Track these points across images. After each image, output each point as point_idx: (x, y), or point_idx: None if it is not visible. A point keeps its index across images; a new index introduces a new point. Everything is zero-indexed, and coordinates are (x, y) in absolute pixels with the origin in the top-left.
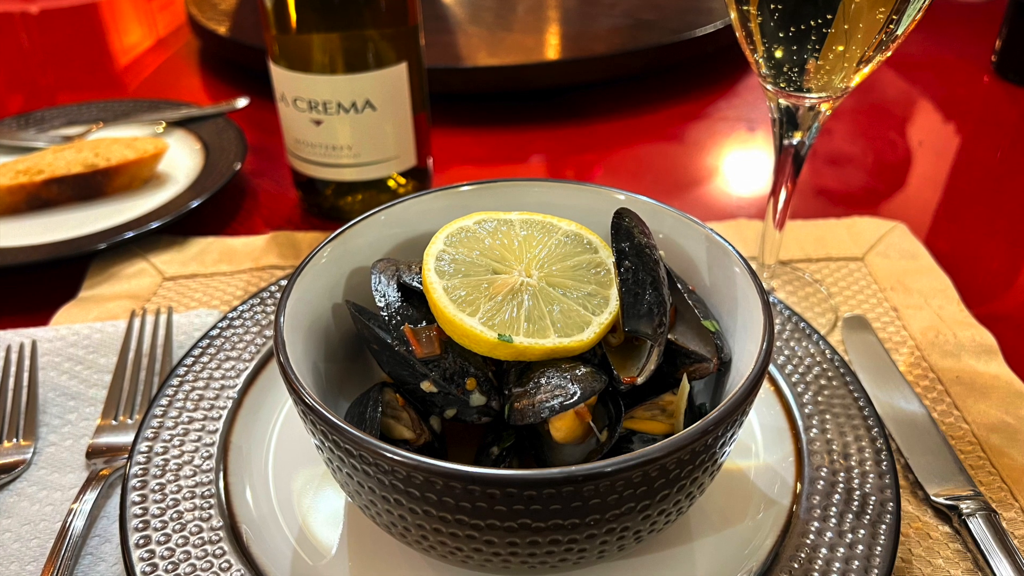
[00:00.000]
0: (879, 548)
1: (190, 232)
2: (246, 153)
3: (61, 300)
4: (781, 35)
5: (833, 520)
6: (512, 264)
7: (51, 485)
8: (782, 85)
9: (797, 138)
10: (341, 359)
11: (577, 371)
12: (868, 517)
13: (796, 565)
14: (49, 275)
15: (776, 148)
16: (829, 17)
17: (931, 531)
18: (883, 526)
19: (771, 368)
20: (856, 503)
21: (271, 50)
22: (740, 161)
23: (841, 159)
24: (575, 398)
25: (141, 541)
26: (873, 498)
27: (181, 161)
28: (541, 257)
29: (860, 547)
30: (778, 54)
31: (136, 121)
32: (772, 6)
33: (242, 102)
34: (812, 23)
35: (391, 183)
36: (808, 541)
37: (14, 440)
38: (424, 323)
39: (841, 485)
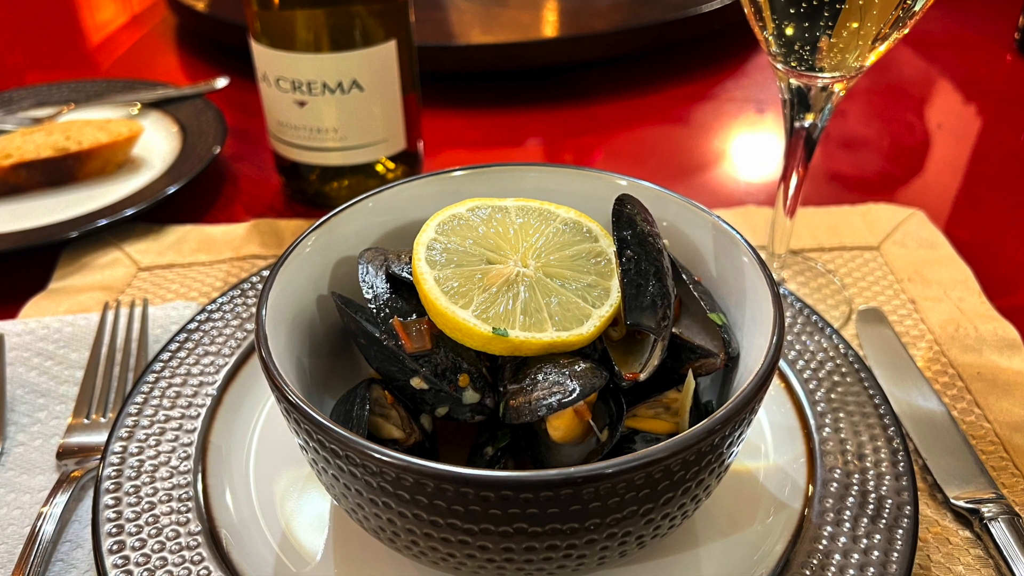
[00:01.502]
0: (895, 554)
1: (166, 220)
2: (226, 136)
3: (30, 292)
4: (792, 11)
5: (847, 524)
6: (507, 253)
7: (19, 487)
8: (793, 64)
9: (809, 120)
10: (326, 354)
11: (576, 367)
12: (884, 521)
13: (808, 572)
14: (17, 265)
15: (787, 131)
16: None
17: (951, 536)
18: (900, 531)
19: (781, 364)
20: (871, 506)
21: (252, 27)
22: (749, 145)
23: (855, 142)
24: (574, 395)
25: (115, 547)
26: (889, 501)
27: (157, 145)
28: (538, 246)
29: (876, 553)
30: (789, 31)
31: (109, 102)
32: None
33: (222, 82)
34: None
35: (379, 168)
36: (821, 547)
37: None
38: (414, 316)
39: (855, 487)
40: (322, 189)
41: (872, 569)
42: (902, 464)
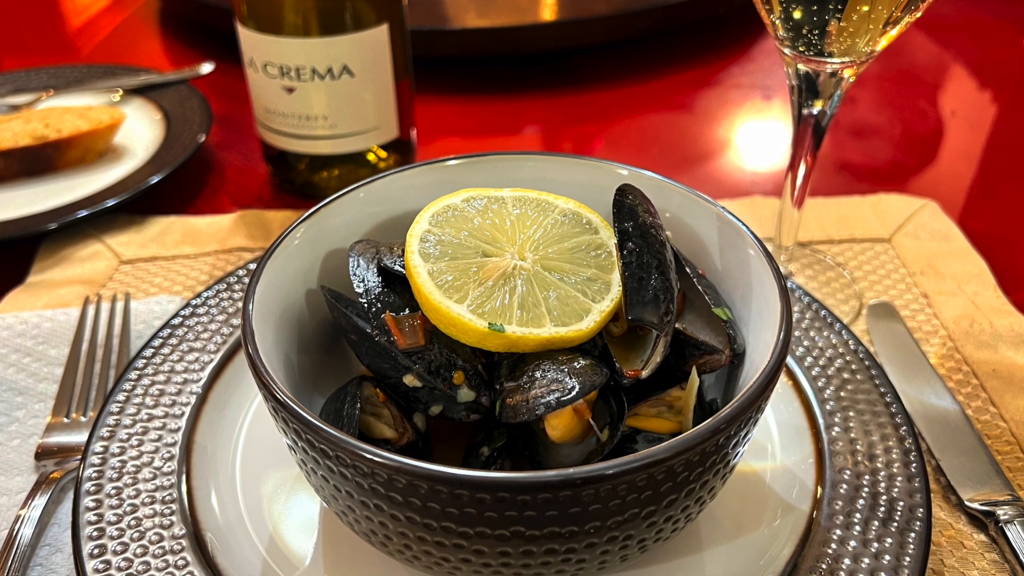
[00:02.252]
0: (908, 558)
1: (149, 211)
2: (211, 124)
3: (8, 286)
4: None
5: (857, 528)
6: (504, 246)
7: None
8: (801, 49)
9: (818, 107)
10: (316, 350)
11: (575, 364)
12: (896, 524)
13: None
14: None
15: (794, 118)
16: None
17: (965, 540)
18: (912, 534)
19: (789, 360)
20: (883, 509)
21: (238, 10)
22: (755, 133)
23: (866, 130)
24: (573, 393)
25: (96, 551)
26: (901, 503)
27: (140, 132)
28: (536, 238)
29: (887, 557)
30: (797, 15)
31: (90, 88)
32: None
33: (207, 68)
34: None
35: (371, 157)
36: (830, 550)
37: None
38: (407, 311)
39: (866, 489)
40: (311, 179)
41: (883, 574)
42: (914, 465)
